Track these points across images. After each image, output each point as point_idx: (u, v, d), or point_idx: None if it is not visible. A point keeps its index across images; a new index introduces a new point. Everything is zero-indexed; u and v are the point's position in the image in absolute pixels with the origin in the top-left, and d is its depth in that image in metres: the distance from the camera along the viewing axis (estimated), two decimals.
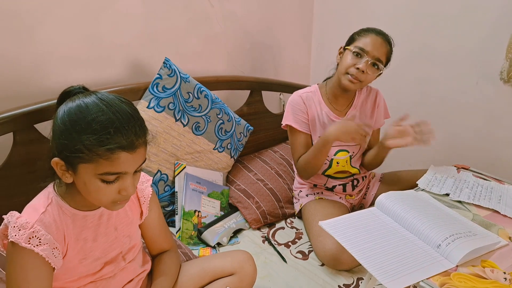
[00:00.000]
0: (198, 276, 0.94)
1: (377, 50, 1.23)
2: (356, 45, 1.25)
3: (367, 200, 1.52)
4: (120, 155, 0.66)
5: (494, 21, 1.48)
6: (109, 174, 0.67)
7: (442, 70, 1.68)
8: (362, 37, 1.26)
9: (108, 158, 0.65)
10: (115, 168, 0.67)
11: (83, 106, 0.67)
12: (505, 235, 0.87)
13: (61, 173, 0.69)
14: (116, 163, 0.66)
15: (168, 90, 1.36)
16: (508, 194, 1.07)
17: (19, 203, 0.73)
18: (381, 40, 1.25)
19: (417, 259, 0.77)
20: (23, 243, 0.65)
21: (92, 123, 0.65)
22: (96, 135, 0.64)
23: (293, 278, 1.18)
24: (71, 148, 0.65)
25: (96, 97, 0.69)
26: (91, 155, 0.65)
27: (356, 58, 1.25)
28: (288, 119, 1.38)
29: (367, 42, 1.24)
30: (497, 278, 0.72)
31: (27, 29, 1.15)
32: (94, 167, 0.66)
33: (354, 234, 0.85)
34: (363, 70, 1.22)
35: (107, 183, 0.68)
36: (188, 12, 1.54)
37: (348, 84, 1.27)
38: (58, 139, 0.67)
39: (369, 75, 1.25)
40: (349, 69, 1.25)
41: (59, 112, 0.69)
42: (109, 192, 0.69)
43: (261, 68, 1.94)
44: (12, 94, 1.15)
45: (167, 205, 1.41)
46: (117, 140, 0.65)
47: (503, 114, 1.55)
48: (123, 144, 0.66)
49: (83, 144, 0.65)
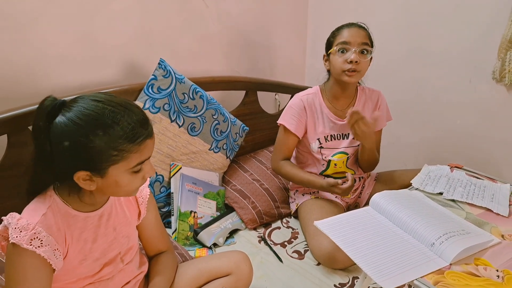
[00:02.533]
0: (194, 277, 0.94)
1: (358, 37, 1.26)
2: (337, 44, 1.28)
3: (362, 199, 1.53)
4: (146, 144, 0.71)
5: (486, 21, 1.49)
6: (139, 164, 0.71)
7: (436, 70, 1.69)
8: (338, 34, 1.29)
9: (137, 151, 0.69)
10: (143, 157, 0.71)
11: (91, 114, 0.65)
12: (498, 233, 0.88)
13: (85, 183, 0.69)
14: (144, 152, 0.71)
15: (163, 91, 1.36)
16: (501, 192, 1.08)
17: (14, 205, 0.73)
18: (356, 28, 1.28)
19: (411, 258, 0.78)
20: (24, 244, 0.65)
21: (114, 125, 0.66)
22: (122, 135, 0.66)
23: (289, 277, 1.19)
24: (100, 157, 0.66)
25: (90, 100, 0.67)
26: (122, 153, 0.67)
27: (343, 54, 1.27)
28: (284, 119, 1.39)
29: (345, 36, 1.27)
30: (490, 276, 0.73)
31: (21, 30, 1.14)
32: (126, 164, 0.69)
33: (349, 234, 0.85)
34: (356, 60, 1.24)
35: (136, 172, 0.72)
36: (183, 13, 1.54)
37: (348, 79, 1.28)
38: (78, 155, 0.65)
39: (363, 62, 1.27)
40: (343, 66, 1.26)
41: (62, 129, 0.64)
42: (137, 180, 0.74)
43: (256, 68, 1.95)
44: (6, 96, 1.15)
45: (163, 206, 1.41)
46: (141, 132, 0.69)
47: (496, 113, 1.57)
48: (146, 133, 0.70)
49: (113, 148, 0.66)
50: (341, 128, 1.39)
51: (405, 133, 1.89)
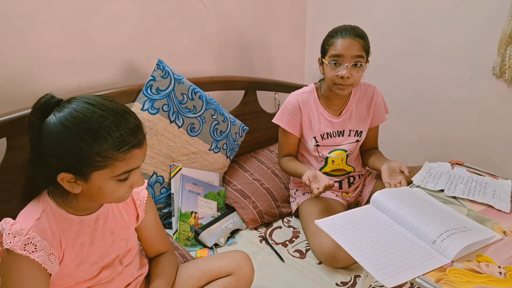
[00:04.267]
0: (195, 277, 0.94)
1: (351, 50, 1.20)
2: (330, 55, 1.24)
3: (363, 197, 1.52)
4: (133, 153, 0.68)
5: (486, 17, 1.49)
6: (124, 173, 0.69)
7: (436, 67, 1.69)
8: (332, 44, 1.24)
9: (123, 159, 0.67)
10: (130, 166, 0.69)
11: (81, 117, 0.64)
12: (500, 230, 0.88)
13: (69, 185, 0.68)
14: (130, 161, 0.68)
15: (162, 92, 1.36)
16: (502, 188, 1.08)
17: (14, 209, 0.72)
18: (350, 38, 1.21)
19: (412, 256, 0.77)
20: (18, 250, 0.64)
21: (101, 131, 0.64)
22: (108, 142, 0.64)
23: (291, 277, 1.18)
24: (84, 161, 0.65)
25: (82, 102, 0.67)
26: (106, 160, 0.66)
27: (336, 67, 1.24)
28: (279, 119, 1.40)
29: (338, 48, 1.21)
30: (492, 273, 0.73)
31: (19, 32, 1.14)
32: (110, 171, 0.67)
33: (350, 232, 0.85)
34: (347, 76, 1.22)
35: (122, 181, 0.70)
36: (181, 13, 1.54)
37: (340, 92, 1.28)
38: (63, 156, 0.64)
39: (355, 76, 1.24)
40: (335, 80, 1.25)
41: (50, 129, 0.64)
42: (123, 189, 0.71)
43: (255, 68, 1.94)
44: (5, 99, 1.15)
45: (163, 207, 1.41)
46: (128, 140, 0.67)
47: (496, 109, 1.56)
48: (134, 142, 0.68)
49: (98, 154, 0.65)
50: (337, 126, 1.39)
51: (405, 131, 1.89)
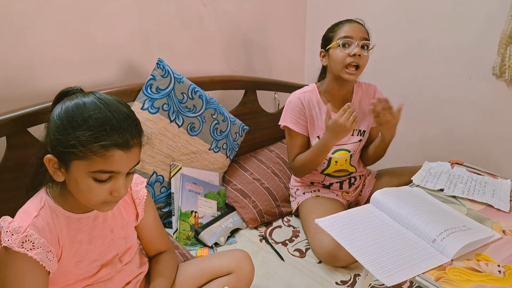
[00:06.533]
0: (196, 276, 0.94)
1: (359, 32, 1.26)
2: (339, 38, 1.27)
3: (363, 197, 1.53)
4: (114, 153, 0.66)
5: (486, 17, 1.49)
6: (102, 172, 0.66)
7: (435, 66, 1.69)
8: (339, 29, 1.28)
9: (103, 156, 0.65)
10: (109, 166, 0.66)
11: (80, 104, 0.67)
12: (499, 229, 0.88)
13: (53, 171, 0.68)
14: (110, 161, 0.66)
15: (162, 91, 1.36)
16: (502, 188, 1.08)
17: (13, 208, 0.72)
18: (356, 23, 1.28)
19: (412, 254, 0.77)
20: (16, 247, 0.64)
21: (89, 119, 0.65)
22: (91, 131, 0.64)
23: (291, 276, 1.18)
24: (65, 144, 0.65)
25: (95, 96, 0.69)
26: (85, 151, 0.64)
27: (346, 49, 1.26)
28: (285, 120, 1.38)
29: (346, 30, 1.26)
30: (492, 271, 0.73)
31: (18, 32, 1.14)
32: (88, 164, 0.65)
33: (350, 231, 0.85)
34: (359, 54, 1.24)
35: (99, 182, 0.67)
36: (181, 12, 1.54)
37: (348, 77, 1.28)
38: (52, 135, 0.67)
39: (364, 57, 1.27)
40: (346, 61, 1.25)
41: (55, 110, 0.69)
42: (101, 192, 0.68)
43: (255, 67, 1.94)
44: (4, 98, 1.15)
45: (163, 206, 1.41)
46: (112, 137, 0.65)
47: (496, 109, 1.56)
48: (118, 142, 0.66)
49: (78, 140, 0.64)
50: None
51: (405, 130, 1.88)
